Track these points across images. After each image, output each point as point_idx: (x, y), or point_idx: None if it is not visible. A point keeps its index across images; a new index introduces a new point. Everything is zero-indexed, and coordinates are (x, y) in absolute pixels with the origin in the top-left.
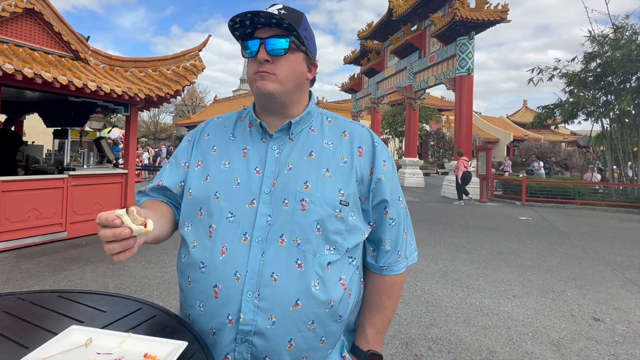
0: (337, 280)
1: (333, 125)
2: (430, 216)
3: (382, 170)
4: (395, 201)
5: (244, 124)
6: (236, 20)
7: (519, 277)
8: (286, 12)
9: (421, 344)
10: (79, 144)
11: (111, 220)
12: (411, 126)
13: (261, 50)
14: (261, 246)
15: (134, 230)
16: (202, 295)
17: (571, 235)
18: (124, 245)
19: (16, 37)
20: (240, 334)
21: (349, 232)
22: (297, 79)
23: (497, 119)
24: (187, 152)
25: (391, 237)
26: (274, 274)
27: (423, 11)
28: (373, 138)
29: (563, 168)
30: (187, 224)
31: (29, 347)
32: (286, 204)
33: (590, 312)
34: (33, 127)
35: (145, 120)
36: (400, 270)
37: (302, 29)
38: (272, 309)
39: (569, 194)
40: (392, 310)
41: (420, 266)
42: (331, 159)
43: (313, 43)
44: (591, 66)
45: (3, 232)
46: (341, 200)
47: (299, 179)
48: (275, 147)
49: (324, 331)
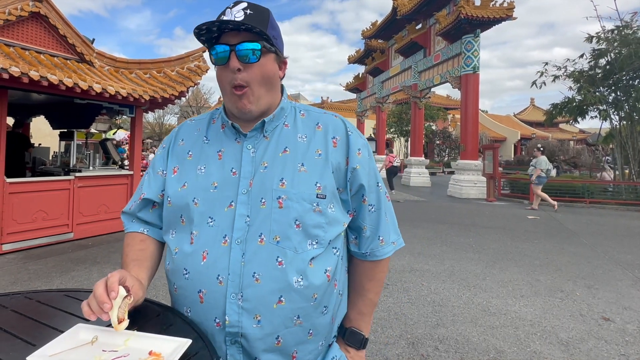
0: (322, 273)
1: (306, 118)
2: (436, 215)
3: (358, 159)
4: (373, 187)
5: (217, 125)
6: (202, 28)
7: (527, 277)
8: (253, 13)
9: (428, 343)
10: (85, 145)
11: (101, 304)
12: (417, 125)
13: (232, 58)
14: (241, 247)
15: (111, 319)
16: (188, 300)
17: (580, 234)
18: (96, 312)
19: (22, 40)
20: (229, 336)
21: (329, 225)
22: (270, 82)
23: (504, 118)
24: (163, 159)
25: (371, 223)
26: (255, 273)
27: (427, 9)
28: (347, 127)
29: (572, 166)
30: (171, 232)
31: (36, 345)
32: (263, 203)
33: (600, 312)
34: (39, 129)
35: (150, 121)
36: (385, 255)
37: (270, 28)
38: (256, 308)
39: (577, 193)
40: (374, 292)
41: (426, 266)
42: (306, 152)
43: (281, 40)
44: (599, 63)
45: (11, 234)
46: (318, 194)
47: (275, 176)
48: (250, 146)
49: (311, 324)
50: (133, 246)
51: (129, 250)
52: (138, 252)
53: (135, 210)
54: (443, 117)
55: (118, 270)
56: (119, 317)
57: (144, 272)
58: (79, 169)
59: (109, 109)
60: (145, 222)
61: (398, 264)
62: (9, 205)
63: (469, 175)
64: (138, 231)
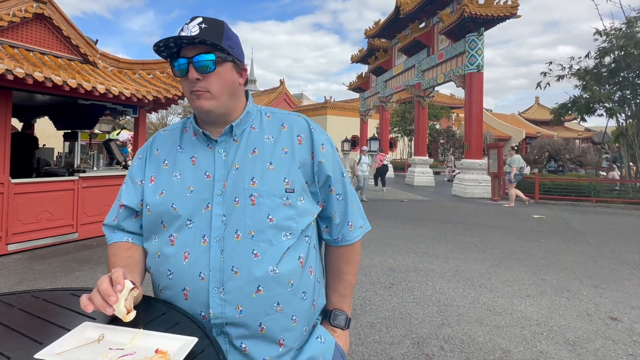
0: (296, 260)
1: (272, 120)
2: (440, 215)
3: (322, 153)
4: (339, 177)
5: (189, 134)
6: (160, 45)
7: (533, 276)
8: (207, 27)
9: (433, 343)
10: (89, 146)
11: (107, 297)
12: (420, 124)
13: (190, 69)
14: (219, 245)
15: (117, 311)
16: (173, 299)
17: (586, 234)
18: (100, 306)
19: (26, 41)
20: (215, 327)
21: (300, 216)
22: (230, 89)
23: (508, 116)
24: (140, 169)
25: (340, 211)
26: (234, 267)
27: (431, 8)
28: (310, 125)
29: (577, 165)
30: (153, 237)
31: (43, 343)
32: (237, 201)
33: (607, 312)
34: (43, 130)
35: (154, 122)
36: (355, 239)
37: (226, 38)
38: (237, 299)
39: (584, 192)
40: (351, 274)
41: (431, 265)
42: (273, 152)
43: (239, 49)
44: (605, 61)
45: (16, 234)
46: (286, 189)
47: (246, 176)
48: (221, 150)
49: (293, 310)
50: (120, 255)
51: (116, 259)
52: (126, 259)
53: (119, 220)
54: (447, 116)
55: (119, 267)
56: (127, 307)
57: (136, 277)
58: (83, 170)
59: (112, 110)
60: (129, 232)
61: (402, 264)
62: (15, 205)
63: (473, 174)
64: (122, 240)
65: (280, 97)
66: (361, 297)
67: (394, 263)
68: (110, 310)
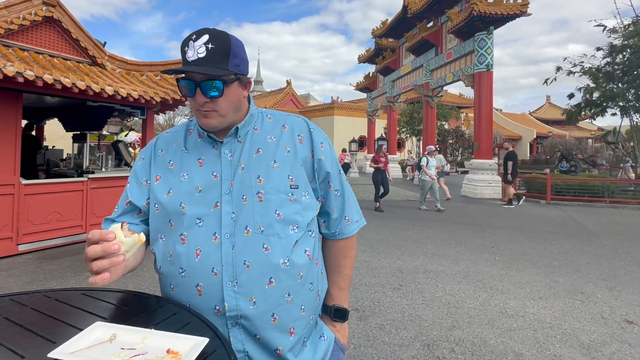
0: (303, 253)
1: (273, 121)
2: (450, 216)
3: (321, 151)
4: (337, 174)
5: (194, 136)
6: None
7: (545, 278)
8: (214, 46)
9: (443, 345)
10: (97, 147)
11: (105, 235)
12: (429, 124)
13: (198, 93)
14: (230, 241)
15: (126, 243)
16: (187, 296)
17: (600, 235)
18: (113, 262)
19: (36, 44)
20: (230, 320)
21: (305, 210)
22: (236, 105)
23: (518, 116)
24: (145, 169)
25: (337, 206)
26: (246, 261)
27: (439, 7)
28: (309, 126)
29: (590, 165)
30: (160, 237)
31: (55, 342)
32: (245, 199)
33: (623, 314)
34: (53, 131)
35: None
36: (352, 233)
37: (232, 57)
38: (251, 291)
39: (597, 192)
40: (349, 268)
41: (441, 267)
42: (276, 151)
43: (244, 62)
44: (617, 59)
45: (27, 234)
46: (291, 185)
47: (252, 175)
48: (227, 151)
49: (302, 300)
50: None
51: None
52: None
53: (119, 212)
54: (456, 116)
55: None
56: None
57: None
58: (92, 171)
59: (120, 111)
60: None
61: (411, 265)
62: (25, 206)
63: (483, 174)
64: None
65: (287, 98)
66: (370, 299)
67: (403, 264)
68: (116, 247)
